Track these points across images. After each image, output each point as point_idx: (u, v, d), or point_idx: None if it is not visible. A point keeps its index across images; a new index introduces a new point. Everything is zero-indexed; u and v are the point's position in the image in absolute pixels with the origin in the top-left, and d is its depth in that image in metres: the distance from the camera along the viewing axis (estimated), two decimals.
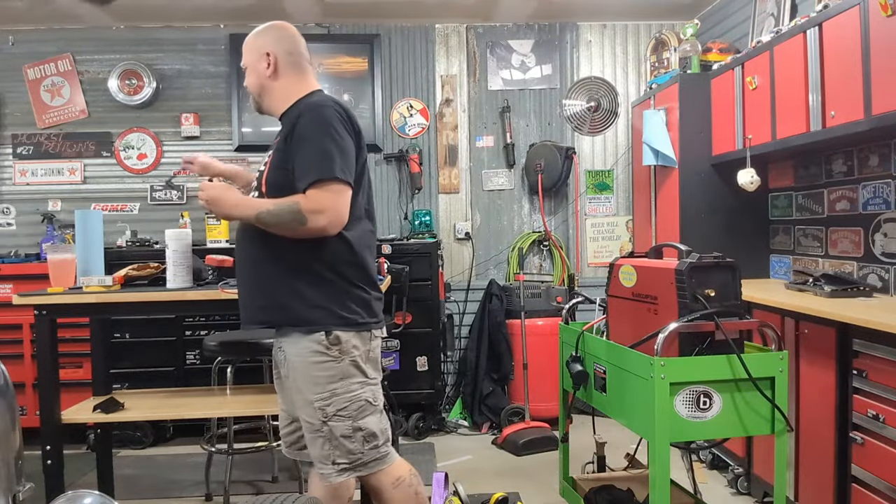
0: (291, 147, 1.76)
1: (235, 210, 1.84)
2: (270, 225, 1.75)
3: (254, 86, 1.92)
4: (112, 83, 4.42)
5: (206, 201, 1.86)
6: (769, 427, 1.79)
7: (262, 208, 1.75)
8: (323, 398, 1.78)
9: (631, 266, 2.04)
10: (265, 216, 1.75)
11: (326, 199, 1.70)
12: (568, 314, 2.49)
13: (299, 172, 1.73)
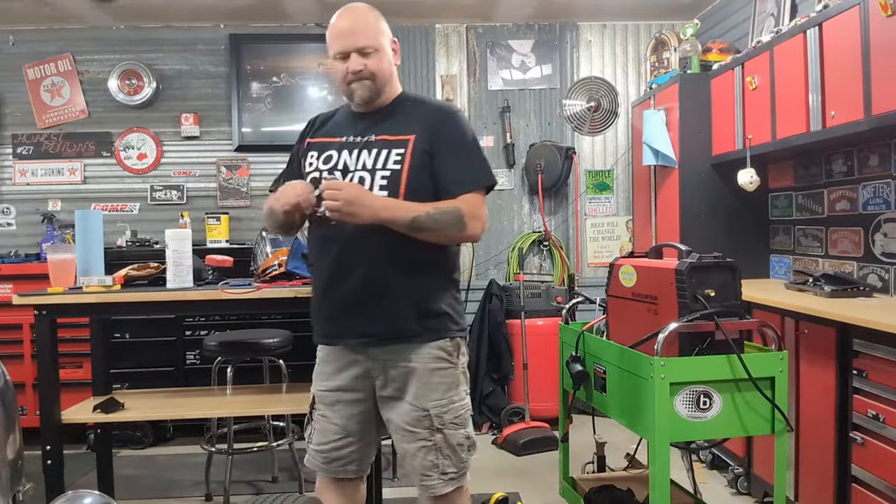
0: (439, 150, 1.70)
1: (385, 213, 1.62)
2: (427, 229, 1.65)
3: (385, 72, 1.74)
4: (112, 83, 4.42)
5: (346, 202, 1.58)
6: (769, 427, 1.79)
7: (421, 211, 1.63)
8: (441, 406, 1.72)
9: (631, 266, 2.04)
10: (425, 220, 1.63)
11: (482, 207, 1.73)
12: (568, 314, 2.49)
13: (456, 177, 1.70)
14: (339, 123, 1.84)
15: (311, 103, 4.53)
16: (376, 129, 1.75)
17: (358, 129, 1.77)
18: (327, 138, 1.81)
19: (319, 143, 1.82)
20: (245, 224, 4.50)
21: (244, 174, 4.56)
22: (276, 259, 2.49)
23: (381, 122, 1.76)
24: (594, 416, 2.40)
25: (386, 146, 1.71)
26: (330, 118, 1.89)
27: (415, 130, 1.72)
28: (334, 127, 1.84)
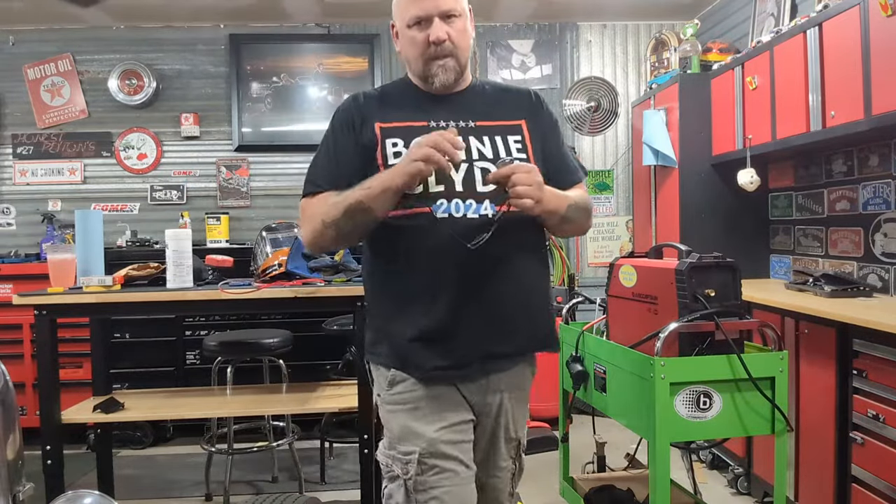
0: (546, 137, 1.53)
1: (556, 200, 1.40)
2: (571, 220, 1.47)
3: (466, 45, 1.46)
4: (112, 83, 4.42)
5: (538, 185, 1.33)
6: (769, 427, 1.79)
7: (570, 200, 1.46)
8: (524, 430, 1.62)
9: (631, 266, 2.04)
10: (573, 210, 1.46)
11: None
12: (568, 314, 2.49)
13: (566, 165, 1.56)
14: (407, 105, 1.48)
15: (311, 103, 4.54)
16: (467, 113, 1.46)
17: (439, 113, 1.45)
18: (407, 122, 1.44)
19: (401, 129, 1.43)
20: (245, 224, 4.50)
21: (244, 174, 4.56)
22: (276, 259, 2.49)
23: (468, 105, 1.48)
24: (594, 416, 2.40)
25: (499, 132, 1.46)
26: (385, 98, 1.52)
27: (521, 115, 1.51)
28: (405, 109, 1.47)
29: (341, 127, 1.47)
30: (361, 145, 1.43)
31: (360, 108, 1.47)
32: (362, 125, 1.45)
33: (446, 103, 1.47)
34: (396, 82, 1.57)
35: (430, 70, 1.42)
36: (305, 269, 2.43)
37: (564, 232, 1.57)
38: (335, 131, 1.47)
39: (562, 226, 1.48)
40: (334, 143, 1.47)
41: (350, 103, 1.50)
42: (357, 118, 1.46)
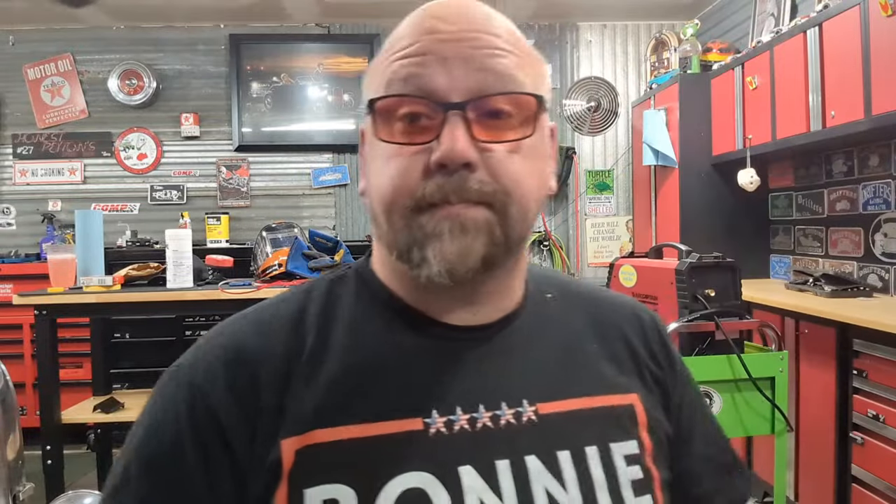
0: (685, 430, 0.82)
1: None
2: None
3: (530, 191, 0.59)
4: (112, 83, 4.42)
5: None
6: (769, 427, 1.79)
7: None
8: None
9: (631, 266, 2.04)
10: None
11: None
12: None
13: (719, 485, 0.87)
14: (378, 368, 0.59)
15: (311, 103, 4.54)
16: (517, 385, 0.61)
17: (453, 387, 0.59)
18: (370, 426, 0.56)
19: (357, 451, 0.55)
20: (245, 224, 4.50)
21: (244, 174, 4.56)
22: (276, 259, 2.49)
23: (519, 362, 0.63)
24: None
25: (592, 437, 0.62)
26: (319, 350, 0.59)
27: (628, 378, 0.68)
28: (371, 382, 0.58)
29: (159, 466, 0.56)
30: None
31: (215, 414, 0.56)
32: (231, 452, 0.55)
33: (471, 356, 0.61)
34: (353, 294, 0.65)
35: (423, 235, 0.55)
36: (305, 269, 2.43)
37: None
38: (140, 477, 0.56)
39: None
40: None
41: (198, 390, 0.57)
42: (212, 434, 0.55)
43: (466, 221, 0.54)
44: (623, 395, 0.65)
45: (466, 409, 0.58)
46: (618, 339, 0.69)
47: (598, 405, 0.63)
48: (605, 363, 0.66)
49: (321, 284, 0.66)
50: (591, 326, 0.69)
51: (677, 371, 0.72)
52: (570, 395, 0.62)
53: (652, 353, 0.70)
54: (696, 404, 0.74)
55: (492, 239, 0.55)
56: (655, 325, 0.74)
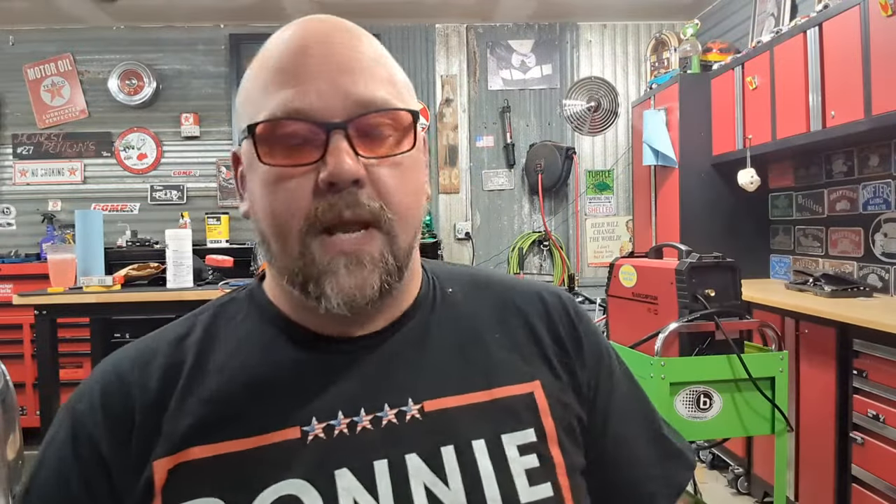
0: (604, 407, 0.79)
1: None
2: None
3: (414, 205, 0.62)
4: (112, 83, 4.42)
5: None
6: (769, 427, 1.79)
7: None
8: None
9: (631, 266, 2.04)
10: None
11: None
12: None
13: (650, 469, 0.84)
14: (254, 381, 0.60)
15: None
16: (401, 387, 0.61)
17: (334, 395, 0.60)
18: (243, 440, 0.57)
19: (229, 464, 0.56)
20: (245, 224, 4.50)
21: None
22: None
23: (405, 363, 0.63)
24: None
25: (480, 430, 0.62)
26: (201, 364, 0.61)
27: (531, 366, 0.67)
28: (248, 395, 0.59)
29: (48, 494, 0.60)
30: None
31: (95, 442, 0.58)
32: (110, 479, 0.57)
33: (355, 365, 0.61)
34: (242, 313, 0.65)
35: (318, 268, 0.56)
36: None
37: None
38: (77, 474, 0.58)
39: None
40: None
41: (78, 417, 0.60)
42: (93, 462, 0.57)
43: (362, 255, 0.56)
44: (522, 385, 0.65)
45: (347, 414, 0.58)
46: (520, 325, 0.69)
47: (492, 398, 0.63)
48: (504, 353, 0.66)
49: (211, 306, 0.67)
50: (494, 316, 0.69)
51: (585, 352, 0.70)
52: (461, 391, 0.62)
53: (556, 335, 0.70)
54: (615, 386, 0.72)
55: (385, 268, 0.57)
56: (562, 307, 0.72)
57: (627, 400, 0.74)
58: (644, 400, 0.76)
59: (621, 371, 0.75)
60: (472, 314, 0.68)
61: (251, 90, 0.60)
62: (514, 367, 0.66)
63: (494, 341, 0.67)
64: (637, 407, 0.74)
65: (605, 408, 0.70)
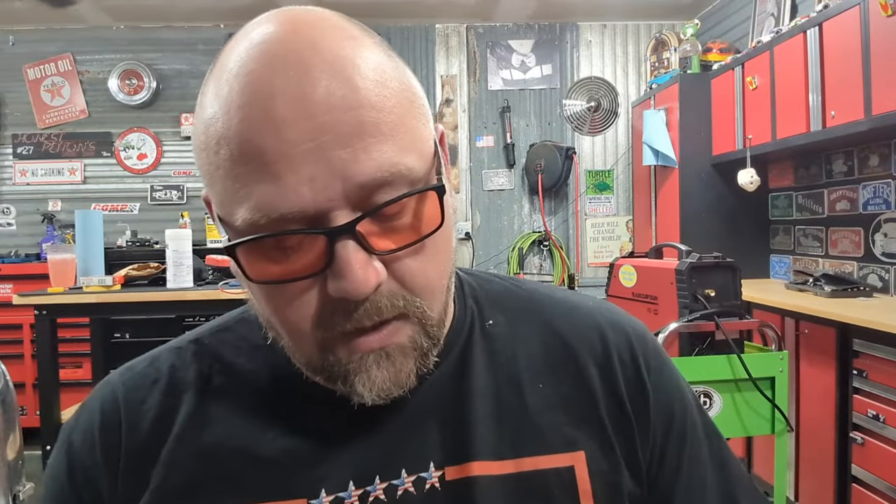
0: (671, 466, 0.70)
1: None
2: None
3: (441, 274, 0.50)
4: (112, 83, 4.42)
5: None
6: (769, 427, 1.79)
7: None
8: None
9: (631, 266, 2.04)
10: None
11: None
12: None
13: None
14: (259, 445, 0.52)
15: None
16: (423, 450, 0.53)
17: (354, 453, 0.52)
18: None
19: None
20: None
21: None
22: None
23: (427, 407, 0.54)
24: None
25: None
26: (201, 421, 0.53)
27: (577, 429, 0.55)
28: (254, 459, 0.52)
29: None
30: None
31: (91, 478, 0.53)
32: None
33: (372, 423, 0.53)
34: (244, 354, 0.57)
35: (342, 369, 0.48)
36: None
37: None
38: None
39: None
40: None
41: (66, 464, 0.54)
42: (91, 496, 0.53)
43: (391, 350, 0.47)
44: (563, 455, 0.53)
45: (360, 483, 0.50)
46: (572, 373, 0.56)
47: (519, 469, 0.52)
48: (547, 411, 0.54)
49: (211, 335, 0.58)
50: (542, 358, 0.56)
51: (652, 413, 0.56)
52: (489, 457, 0.51)
53: (614, 387, 0.56)
54: (685, 462, 0.57)
55: (420, 353, 0.48)
56: (628, 347, 0.58)
57: (699, 481, 0.58)
58: (726, 472, 0.59)
59: (700, 435, 0.59)
60: (515, 355, 0.56)
61: (209, 162, 0.46)
62: (555, 430, 0.53)
63: (537, 393, 0.54)
64: (709, 488, 0.58)
65: (667, 489, 0.56)
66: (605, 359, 0.57)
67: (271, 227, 0.42)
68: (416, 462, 0.51)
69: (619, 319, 0.60)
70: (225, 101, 0.43)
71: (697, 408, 0.61)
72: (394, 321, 0.46)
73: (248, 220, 0.42)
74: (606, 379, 0.56)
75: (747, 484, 0.60)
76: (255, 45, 0.43)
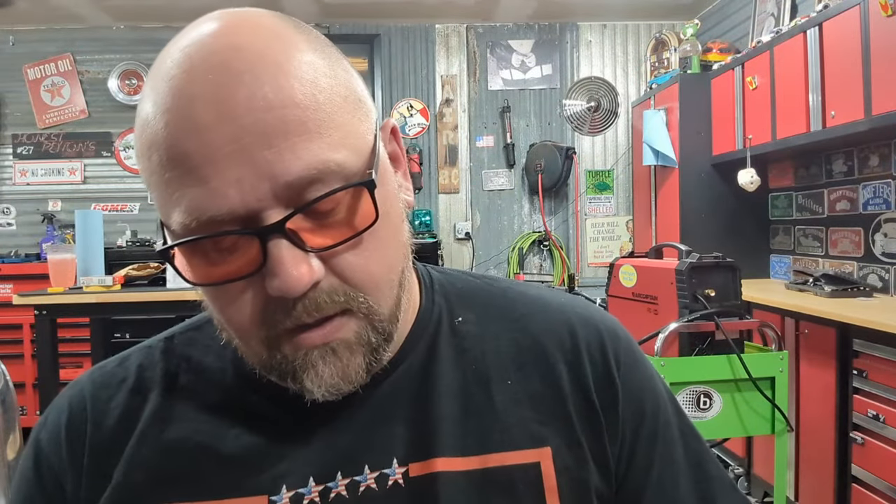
0: (641, 461, 0.67)
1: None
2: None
3: (392, 261, 0.51)
4: (112, 83, 4.42)
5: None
6: (769, 427, 1.79)
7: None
8: None
9: (631, 266, 2.04)
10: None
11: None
12: None
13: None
14: (221, 441, 0.53)
15: None
16: (383, 447, 0.53)
17: (317, 450, 0.52)
18: (201, 503, 0.51)
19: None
20: None
21: None
22: None
23: (392, 401, 0.54)
24: None
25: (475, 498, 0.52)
26: (163, 413, 0.54)
27: (544, 426, 0.55)
28: (216, 455, 0.52)
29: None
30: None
31: (56, 473, 0.54)
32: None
33: (335, 419, 0.53)
34: (212, 353, 0.59)
35: (290, 366, 0.48)
36: None
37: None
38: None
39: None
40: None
41: (34, 460, 0.56)
42: (57, 492, 0.54)
43: (336, 345, 0.47)
44: (529, 451, 0.52)
45: (321, 479, 0.50)
46: (541, 370, 0.56)
47: (484, 466, 0.52)
48: (515, 407, 0.54)
49: (182, 334, 0.60)
50: (511, 355, 0.56)
51: (620, 409, 0.56)
52: (455, 453, 0.51)
53: (582, 383, 0.55)
54: (656, 461, 0.57)
55: (369, 348, 0.48)
56: (598, 343, 0.58)
57: (671, 481, 0.57)
58: (702, 471, 0.58)
59: (675, 434, 0.59)
60: (484, 352, 0.56)
61: (144, 168, 0.46)
62: (522, 426, 0.53)
63: (504, 390, 0.54)
64: (682, 487, 0.57)
65: (637, 487, 0.56)
66: (574, 356, 0.57)
67: (203, 230, 0.43)
68: (378, 458, 0.51)
69: (590, 315, 0.60)
70: (153, 106, 0.44)
71: (674, 408, 0.60)
72: (337, 317, 0.46)
73: (181, 224, 0.43)
74: (575, 375, 0.56)
75: (727, 484, 0.60)
76: (181, 48, 0.45)
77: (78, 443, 0.53)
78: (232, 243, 0.44)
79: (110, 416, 0.54)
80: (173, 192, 0.43)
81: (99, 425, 0.53)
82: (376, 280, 0.47)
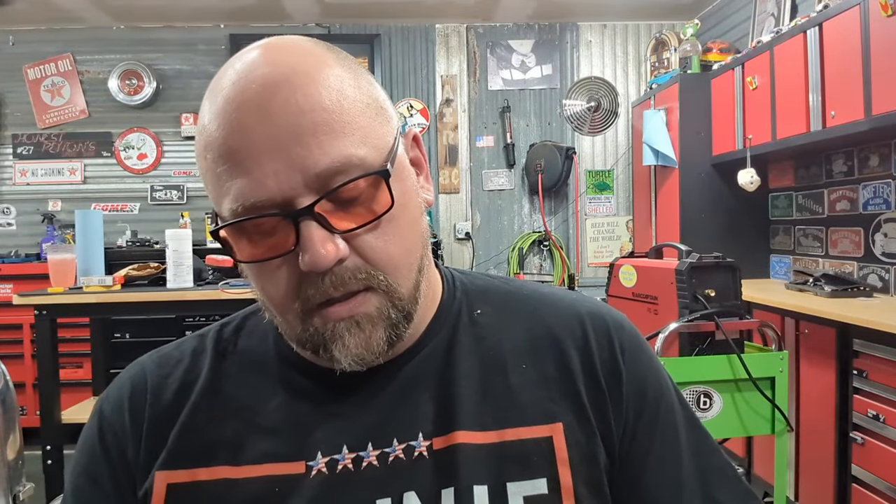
0: (643, 446, 0.74)
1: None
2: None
3: (411, 247, 0.58)
4: (112, 83, 4.42)
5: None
6: (769, 427, 1.79)
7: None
8: None
9: (631, 266, 2.04)
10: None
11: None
12: None
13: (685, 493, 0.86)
14: (262, 410, 0.60)
15: None
16: (412, 421, 0.59)
17: (350, 421, 0.59)
18: (242, 467, 0.58)
19: (223, 492, 0.57)
20: None
21: None
22: None
23: (420, 395, 0.61)
24: None
25: (477, 476, 0.57)
26: (212, 390, 0.62)
27: (556, 405, 0.61)
28: (254, 424, 0.59)
29: (82, 489, 0.65)
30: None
31: (119, 440, 0.61)
32: (116, 485, 0.61)
33: (367, 395, 0.60)
34: (257, 336, 0.65)
35: (320, 338, 0.55)
36: None
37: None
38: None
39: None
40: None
41: (98, 429, 0.63)
42: (120, 460, 0.61)
43: (360, 318, 0.54)
44: (539, 427, 0.59)
45: (353, 448, 0.57)
46: (552, 356, 0.62)
47: (502, 439, 0.58)
48: (528, 388, 0.60)
49: (227, 325, 0.67)
50: (526, 343, 0.63)
51: (625, 391, 0.62)
52: (474, 428, 0.58)
53: (591, 367, 0.62)
54: (655, 440, 0.62)
55: (389, 322, 0.55)
56: (605, 331, 0.64)
57: (672, 462, 0.62)
58: (704, 460, 0.64)
59: (677, 420, 0.64)
60: (500, 340, 0.63)
61: (202, 166, 0.55)
62: (536, 405, 0.60)
63: (520, 373, 0.61)
64: (684, 469, 0.62)
65: (637, 465, 0.61)
66: (584, 343, 0.63)
67: (247, 214, 0.51)
68: (406, 432, 0.58)
69: (598, 309, 0.67)
70: (209, 115, 0.53)
71: (678, 398, 0.66)
72: (361, 293, 0.54)
73: (230, 210, 0.52)
74: (584, 359, 0.62)
75: (731, 475, 0.66)
76: (232, 69, 0.53)
77: (139, 413, 0.61)
78: (271, 226, 0.52)
79: (168, 390, 0.62)
80: (223, 183, 0.52)
81: (158, 397, 0.61)
82: (395, 261, 0.55)
